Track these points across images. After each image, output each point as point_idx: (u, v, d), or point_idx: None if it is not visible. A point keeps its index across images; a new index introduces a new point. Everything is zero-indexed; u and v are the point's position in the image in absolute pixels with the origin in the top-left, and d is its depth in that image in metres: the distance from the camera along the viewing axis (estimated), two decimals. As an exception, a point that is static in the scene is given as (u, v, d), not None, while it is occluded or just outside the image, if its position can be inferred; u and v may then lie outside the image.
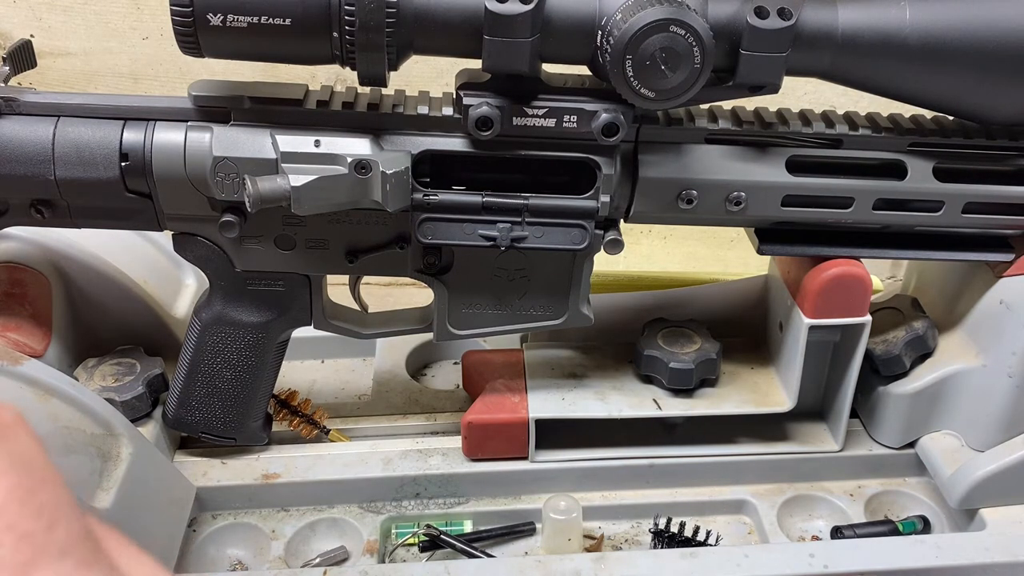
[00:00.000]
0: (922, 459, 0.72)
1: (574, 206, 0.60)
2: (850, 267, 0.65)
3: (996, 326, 0.66)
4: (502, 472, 0.70)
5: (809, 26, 0.55)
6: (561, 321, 0.67)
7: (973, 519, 0.68)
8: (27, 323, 0.67)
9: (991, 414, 0.67)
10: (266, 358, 0.67)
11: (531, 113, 0.57)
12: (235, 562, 0.67)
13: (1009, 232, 0.66)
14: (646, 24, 0.51)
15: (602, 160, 0.59)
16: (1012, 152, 0.63)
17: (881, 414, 0.72)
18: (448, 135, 0.59)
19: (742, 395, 0.72)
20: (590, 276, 0.66)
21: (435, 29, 0.53)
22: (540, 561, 0.63)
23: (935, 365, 0.69)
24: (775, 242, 0.66)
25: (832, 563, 0.63)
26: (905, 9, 0.55)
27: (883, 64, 0.57)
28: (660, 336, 0.73)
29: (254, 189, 0.54)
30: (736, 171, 0.61)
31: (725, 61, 0.55)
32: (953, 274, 0.71)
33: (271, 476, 0.69)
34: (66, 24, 0.92)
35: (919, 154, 0.62)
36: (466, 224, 0.60)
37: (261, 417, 0.70)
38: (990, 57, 0.56)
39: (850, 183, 0.62)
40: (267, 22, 0.51)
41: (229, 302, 0.65)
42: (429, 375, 0.86)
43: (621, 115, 0.57)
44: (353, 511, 0.70)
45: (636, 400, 0.71)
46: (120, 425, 0.60)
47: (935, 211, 0.63)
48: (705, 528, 0.68)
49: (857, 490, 0.73)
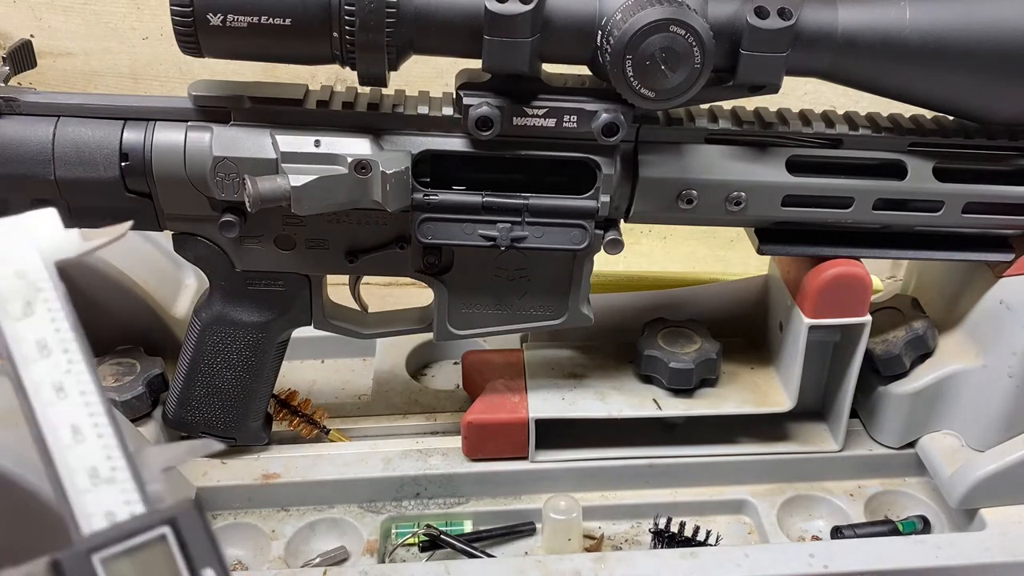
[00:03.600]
0: (922, 459, 0.72)
1: (574, 206, 0.60)
2: (850, 267, 0.65)
3: (996, 326, 0.66)
4: (502, 472, 0.70)
5: (809, 26, 0.55)
6: (561, 321, 0.67)
7: (973, 519, 0.68)
8: (27, 323, 0.66)
9: (991, 414, 0.67)
10: (266, 358, 0.67)
11: (531, 113, 0.57)
12: (235, 562, 0.67)
13: (1009, 232, 0.66)
14: (646, 24, 0.51)
15: (602, 160, 0.59)
16: (1012, 152, 0.63)
17: (881, 414, 0.72)
18: (448, 135, 0.59)
19: (742, 395, 0.72)
20: (590, 276, 0.66)
21: (435, 29, 0.53)
22: (540, 561, 0.63)
23: (935, 365, 0.69)
24: (775, 242, 0.65)
25: (832, 563, 0.63)
26: (905, 9, 0.55)
27: (883, 64, 0.57)
28: (660, 336, 0.73)
29: (254, 189, 0.54)
30: (736, 171, 0.61)
31: (725, 61, 0.55)
32: (953, 274, 0.71)
33: (271, 476, 0.69)
34: (66, 24, 0.92)
35: (919, 154, 0.62)
36: (466, 224, 0.60)
37: (261, 417, 0.70)
38: (990, 57, 0.56)
39: (850, 183, 0.62)
40: (267, 22, 0.51)
41: (229, 302, 0.65)
42: (429, 375, 0.86)
43: (621, 115, 0.57)
44: (353, 511, 0.70)
45: (636, 400, 0.71)
46: (120, 425, 0.60)
47: (935, 211, 0.63)
48: (705, 528, 0.68)
49: (857, 490, 0.73)
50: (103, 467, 0.28)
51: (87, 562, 0.26)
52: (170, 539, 0.27)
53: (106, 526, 0.27)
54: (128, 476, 0.28)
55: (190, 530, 0.27)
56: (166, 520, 0.27)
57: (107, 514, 0.27)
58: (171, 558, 0.27)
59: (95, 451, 0.28)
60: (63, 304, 0.29)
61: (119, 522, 0.27)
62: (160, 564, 0.27)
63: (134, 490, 0.28)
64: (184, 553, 0.27)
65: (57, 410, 0.28)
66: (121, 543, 0.26)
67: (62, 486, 0.27)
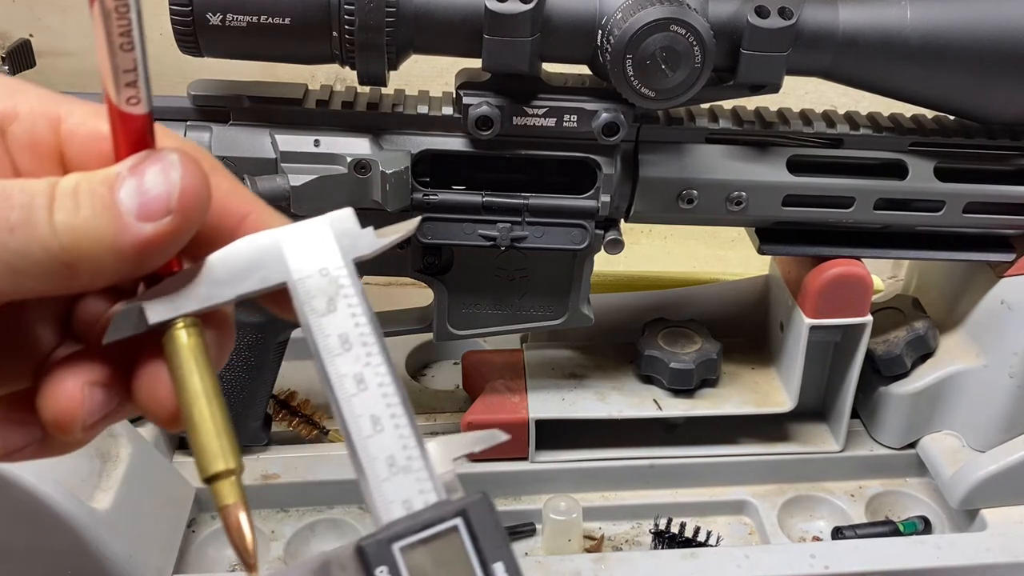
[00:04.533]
0: (923, 459, 0.71)
1: (574, 206, 0.60)
2: (851, 267, 0.65)
3: (997, 326, 0.66)
4: (502, 472, 0.70)
5: (810, 25, 0.55)
6: (561, 321, 0.67)
7: (974, 520, 0.68)
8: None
9: (992, 414, 0.67)
10: (265, 358, 0.67)
11: (531, 112, 0.57)
12: (235, 563, 0.67)
13: (1010, 232, 0.65)
14: (647, 23, 0.51)
15: (602, 160, 0.59)
16: (1013, 152, 0.63)
17: (882, 414, 0.72)
18: (448, 135, 0.59)
19: (743, 395, 0.72)
20: (590, 276, 0.65)
21: (435, 28, 0.53)
22: (540, 562, 0.62)
23: (936, 365, 0.69)
24: (776, 242, 0.65)
25: (833, 564, 0.62)
26: (906, 8, 0.55)
27: (884, 63, 0.56)
28: (660, 336, 0.73)
29: (253, 188, 0.54)
30: (737, 171, 0.61)
31: (726, 60, 0.55)
32: (954, 274, 0.71)
33: (270, 476, 0.69)
34: (65, 24, 0.92)
35: (920, 154, 0.62)
36: (466, 224, 0.60)
37: (260, 417, 0.70)
38: (991, 56, 0.55)
39: (851, 183, 0.62)
40: (266, 21, 0.51)
41: (228, 302, 0.65)
42: (429, 375, 0.86)
43: (621, 114, 0.56)
44: (353, 512, 0.70)
45: (636, 400, 0.71)
46: (119, 425, 0.60)
47: (936, 211, 0.63)
48: (706, 529, 0.68)
49: (858, 490, 0.73)
50: (400, 456, 0.29)
51: (388, 550, 0.27)
52: (462, 531, 0.28)
53: (403, 514, 0.28)
54: (422, 466, 0.29)
55: (481, 523, 0.28)
56: (458, 512, 0.28)
57: (404, 502, 0.28)
58: (464, 550, 0.27)
59: (392, 441, 0.29)
60: (361, 300, 0.30)
61: (415, 511, 0.28)
62: (453, 555, 0.27)
63: (428, 479, 0.28)
64: (476, 546, 0.28)
65: (358, 401, 0.29)
66: (417, 533, 0.27)
67: (365, 475, 0.28)
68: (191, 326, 0.28)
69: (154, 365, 0.28)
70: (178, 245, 0.27)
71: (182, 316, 0.28)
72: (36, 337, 0.30)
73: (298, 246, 0.30)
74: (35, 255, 0.25)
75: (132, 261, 0.26)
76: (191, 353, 0.28)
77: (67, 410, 0.27)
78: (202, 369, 0.28)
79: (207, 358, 0.29)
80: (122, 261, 0.26)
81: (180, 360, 0.28)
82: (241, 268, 0.29)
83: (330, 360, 0.29)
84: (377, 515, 0.28)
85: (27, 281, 0.25)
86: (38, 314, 0.30)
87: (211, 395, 0.28)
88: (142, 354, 0.29)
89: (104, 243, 0.26)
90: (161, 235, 0.26)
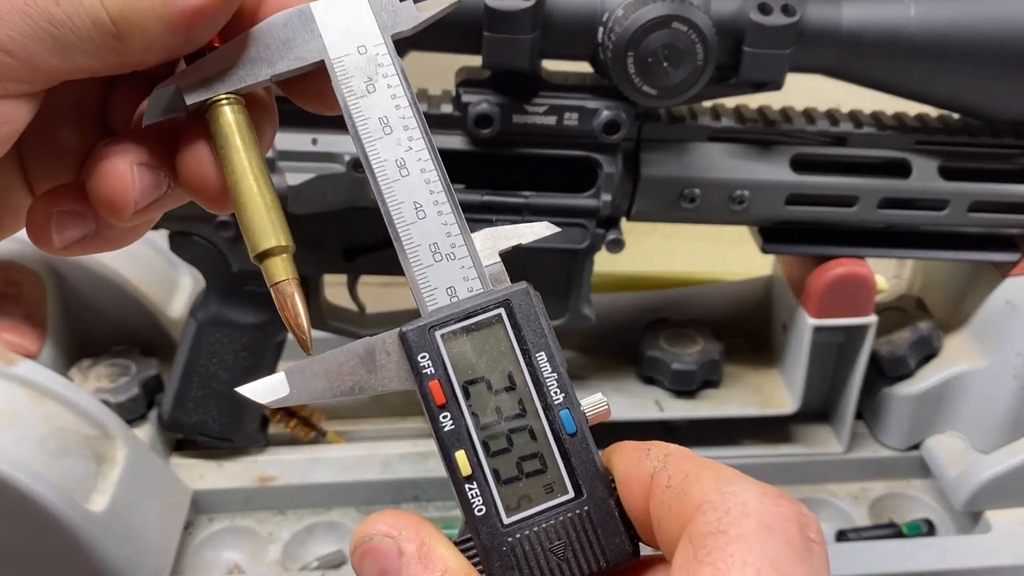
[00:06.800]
0: (927, 461, 0.71)
1: (575, 205, 0.60)
2: (855, 267, 0.64)
3: (1002, 326, 0.65)
4: (502, 474, 0.70)
5: (813, 22, 0.54)
6: (561, 321, 0.66)
7: (978, 521, 0.67)
8: (22, 323, 0.66)
9: (997, 415, 0.67)
10: (263, 359, 0.67)
11: (531, 110, 0.57)
12: (232, 565, 0.66)
13: (1015, 232, 0.65)
14: (648, 20, 0.50)
15: (603, 158, 0.59)
16: (1018, 151, 0.62)
17: (886, 416, 0.71)
18: (447, 133, 0.58)
19: (745, 397, 0.71)
20: (591, 276, 0.65)
21: (434, 25, 0.53)
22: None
23: (940, 366, 0.69)
24: (779, 241, 0.65)
25: (836, 567, 0.61)
26: (909, 6, 0.55)
27: (887, 61, 0.56)
28: (662, 337, 0.72)
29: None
30: (739, 169, 0.61)
31: (728, 58, 0.55)
32: (958, 274, 0.71)
33: (268, 479, 0.69)
34: (62, 22, 0.91)
35: (924, 152, 0.62)
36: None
37: (258, 419, 0.70)
38: (995, 54, 0.55)
39: (854, 181, 0.61)
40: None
41: (225, 302, 0.65)
42: (428, 376, 0.85)
43: (623, 112, 0.56)
44: (351, 514, 0.69)
45: (638, 402, 0.71)
46: (115, 427, 0.59)
47: (940, 210, 0.62)
48: (707, 531, 0.67)
49: (861, 492, 0.72)
50: (443, 243, 0.29)
51: (431, 336, 0.28)
52: (505, 320, 0.28)
53: (447, 302, 0.28)
54: (466, 254, 0.29)
55: (524, 313, 0.28)
56: (501, 302, 0.28)
57: (448, 289, 0.28)
58: (507, 340, 0.28)
59: (435, 227, 0.29)
60: (401, 80, 0.29)
61: (458, 299, 0.28)
62: (494, 345, 0.28)
63: (471, 267, 0.29)
64: (518, 335, 0.28)
65: (400, 187, 0.29)
66: (460, 321, 0.28)
67: (408, 262, 0.29)
68: (235, 103, 0.28)
69: (198, 145, 0.28)
70: (225, 16, 0.27)
71: (223, 95, 0.28)
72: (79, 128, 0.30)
73: (334, 22, 0.29)
74: (83, 27, 0.25)
75: (181, 33, 0.26)
76: (236, 130, 0.28)
77: (119, 190, 0.28)
78: (248, 146, 0.28)
79: (253, 135, 0.28)
80: (171, 33, 0.26)
81: (225, 137, 0.28)
82: (276, 46, 0.28)
83: (370, 144, 0.29)
84: (422, 302, 0.28)
85: (77, 56, 0.25)
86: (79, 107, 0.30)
87: (258, 172, 0.28)
88: (185, 136, 0.28)
89: (152, 13, 0.25)
90: (208, 4, 0.26)
